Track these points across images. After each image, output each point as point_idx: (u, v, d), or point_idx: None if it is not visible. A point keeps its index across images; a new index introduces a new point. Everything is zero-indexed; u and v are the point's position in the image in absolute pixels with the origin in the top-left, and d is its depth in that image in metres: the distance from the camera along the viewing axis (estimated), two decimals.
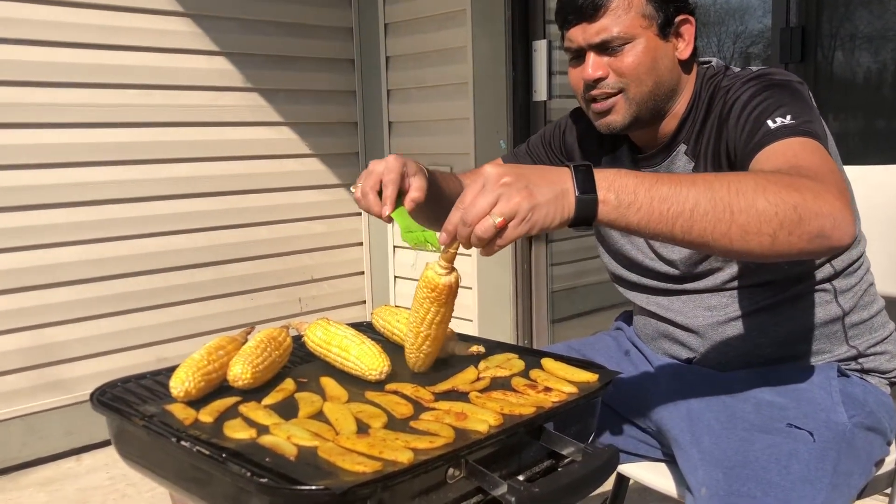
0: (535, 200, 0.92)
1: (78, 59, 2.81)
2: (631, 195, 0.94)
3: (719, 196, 0.94)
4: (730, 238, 0.94)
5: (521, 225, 0.92)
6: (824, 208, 0.95)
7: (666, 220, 0.94)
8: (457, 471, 0.88)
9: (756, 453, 1.13)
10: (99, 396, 1.07)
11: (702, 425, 1.23)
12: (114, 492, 2.60)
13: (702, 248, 0.98)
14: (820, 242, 0.96)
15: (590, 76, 1.28)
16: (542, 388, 1.07)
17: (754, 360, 1.33)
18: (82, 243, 2.88)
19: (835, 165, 1.08)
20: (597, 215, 0.94)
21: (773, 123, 1.13)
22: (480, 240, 0.93)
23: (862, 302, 1.35)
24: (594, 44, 1.27)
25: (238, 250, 3.32)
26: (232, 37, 3.20)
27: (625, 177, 0.95)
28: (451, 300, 1.11)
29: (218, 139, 3.21)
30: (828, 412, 1.21)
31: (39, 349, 2.82)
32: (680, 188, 0.94)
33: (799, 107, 1.16)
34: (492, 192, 0.92)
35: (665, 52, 1.29)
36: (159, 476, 1.00)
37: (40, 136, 2.75)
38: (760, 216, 0.93)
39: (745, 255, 0.98)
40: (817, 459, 1.13)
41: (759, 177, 0.98)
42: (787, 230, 0.94)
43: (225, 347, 1.15)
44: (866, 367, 1.34)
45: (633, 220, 0.94)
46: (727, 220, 0.93)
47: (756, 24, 3.07)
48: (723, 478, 1.11)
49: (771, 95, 1.19)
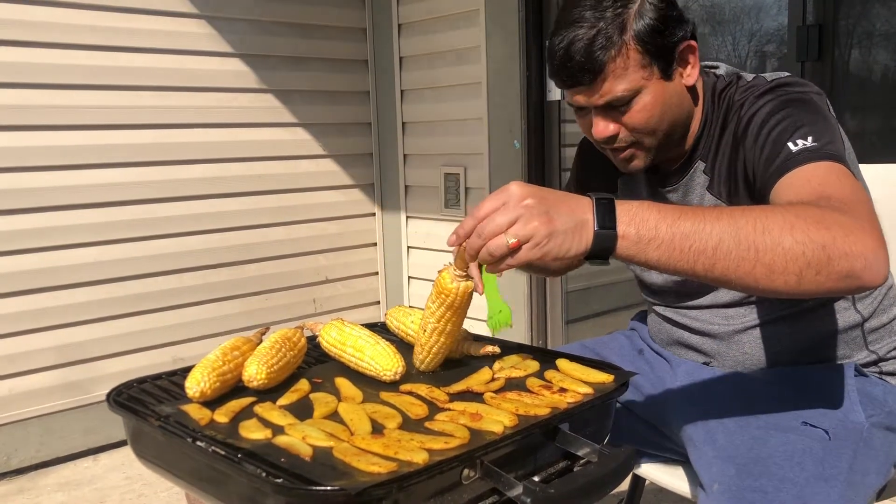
0: (552, 227, 0.91)
1: (93, 62, 2.83)
2: (652, 230, 0.92)
3: (744, 234, 0.91)
4: (754, 277, 0.91)
5: (535, 250, 0.91)
6: (856, 248, 0.91)
7: (687, 258, 0.91)
8: (472, 472, 0.88)
9: (770, 450, 1.12)
10: (115, 397, 1.08)
11: (717, 425, 1.22)
12: (130, 492, 2.62)
13: (724, 285, 0.95)
14: (849, 283, 0.92)
15: (600, 136, 1.24)
16: (558, 389, 1.07)
17: (772, 365, 1.32)
18: (98, 244, 2.90)
19: (865, 194, 1.04)
20: (615, 250, 0.93)
21: (795, 146, 1.09)
22: (491, 256, 0.92)
23: (881, 307, 1.33)
24: (599, 105, 1.21)
25: (253, 251, 3.33)
26: (246, 38, 3.22)
27: (647, 210, 0.93)
28: (464, 306, 1.11)
29: (233, 140, 3.22)
30: (845, 411, 1.20)
31: (57, 350, 2.84)
32: (704, 224, 0.91)
33: (820, 126, 1.12)
34: (512, 211, 0.91)
35: (673, 90, 1.23)
36: (175, 476, 1.00)
37: (57, 138, 2.78)
38: (787, 255, 0.90)
39: (769, 294, 0.94)
40: (833, 457, 1.12)
41: (787, 212, 0.94)
42: (815, 270, 0.90)
43: (240, 348, 1.15)
44: (885, 370, 1.33)
45: (652, 257, 0.92)
46: (752, 259, 0.91)
47: (771, 23, 3.05)
48: (735, 473, 1.10)
49: (790, 114, 1.14)
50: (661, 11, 1.18)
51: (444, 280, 1.09)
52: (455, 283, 1.08)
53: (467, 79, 3.20)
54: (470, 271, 1.05)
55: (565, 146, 3.13)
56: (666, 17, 1.19)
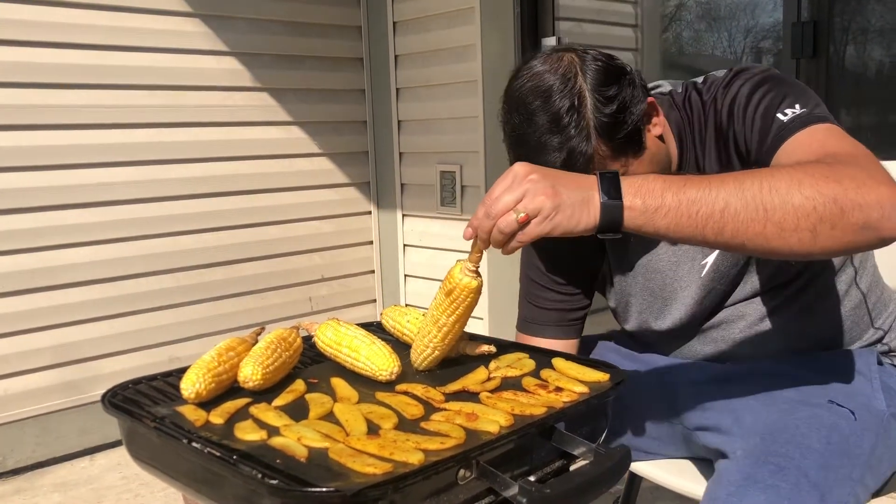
0: (559, 200, 0.92)
1: (87, 61, 2.82)
2: (658, 199, 0.92)
3: (751, 194, 0.90)
4: (766, 237, 0.91)
5: (544, 223, 0.92)
6: (869, 197, 0.90)
7: (696, 223, 0.91)
8: (468, 472, 0.88)
9: (796, 421, 1.11)
10: (110, 398, 1.08)
11: (741, 406, 1.20)
12: (127, 492, 2.61)
13: (738, 249, 0.94)
14: (868, 235, 0.91)
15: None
16: (554, 389, 1.07)
17: (787, 356, 1.32)
18: (94, 244, 2.90)
19: (865, 149, 1.02)
20: (623, 221, 0.93)
21: (784, 116, 1.09)
22: (502, 234, 0.93)
23: (873, 280, 1.34)
24: None
25: (248, 250, 3.33)
26: (241, 36, 3.21)
27: (652, 182, 0.93)
28: (473, 303, 1.10)
29: (227, 139, 3.22)
30: (868, 397, 1.19)
31: (52, 350, 2.84)
32: (709, 189, 0.91)
33: (801, 93, 1.12)
34: (518, 188, 0.93)
35: (650, 154, 1.19)
36: (170, 477, 1.00)
37: (51, 137, 2.77)
38: (797, 212, 0.89)
39: (786, 254, 0.93)
40: (857, 437, 1.11)
41: (793, 170, 0.93)
42: (829, 224, 0.89)
43: (235, 348, 1.15)
44: (892, 346, 1.33)
45: (661, 225, 0.92)
46: (761, 218, 0.90)
47: (767, 19, 3.05)
48: (760, 441, 1.09)
49: (769, 88, 1.14)
50: (614, 102, 1.13)
51: (454, 276, 1.08)
52: (467, 278, 1.08)
53: (463, 77, 3.20)
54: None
55: None
56: (620, 103, 1.14)
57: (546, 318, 1.41)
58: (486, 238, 0.97)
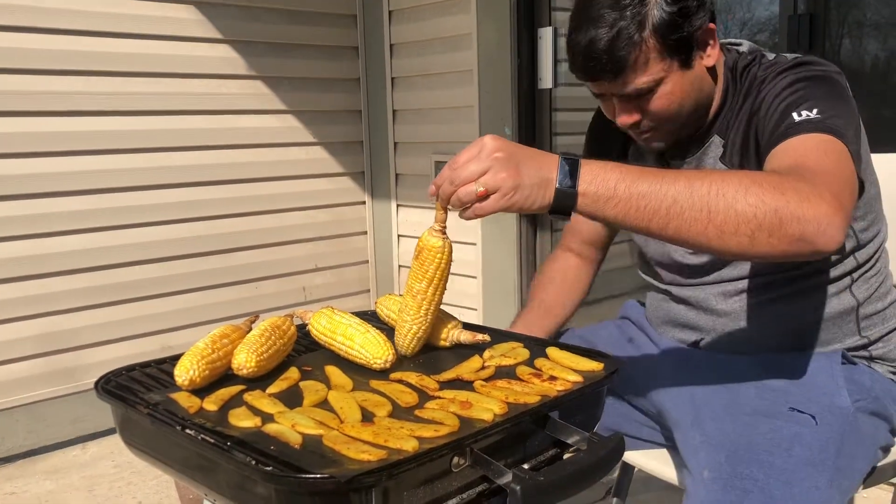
0: (519, 180, 0.97)
1: (80, 47, 2.80)
2: (610, 190, 0.96)
3: (698, 195, 0.95)
4: (706, 237, 0.95)
5: (502, 200, 0.97)
6: (808, 212, 0.94)
7: (642, 216, 0.96)
8: (462, 459, 0.88)
9: (759, 437, 1.13)
10: (104, 385, 1.07)
11: (705, 409, 1.22)
12: (119, 480, 2.61)
13: (680, 244, 0.99)
14: (801, 246, 0.95)
15: (623, 124, 1.28)
16: (547, 377, 1.07)
17: (762, 346, 1.33)
18: (86, 231, 2.88)
19: (844, 168, 1.05)
20: (575, 207, 0.98)
21: (799, 116, 1.12)
22: (461, 202, 0.99)
23: (877, 294, 1.34)
24: (621, 95, 1.25)
25: (242, 239, 3.32)
26: (235, 24, 3.19)
27: (609, 171, 0.98)
28: (448, 265, 1.14)
29: (221, 127, 3.20)
30: (831, 396, 1.20)
31: (45, 337, 2.83)
32: (661, 185, 0.96)
33: (830, 101, 1.13)
34: (484, 161, 0.97)
35: (693, 76, 1.25)
36: (164, 464, 1.00)
37: (43, 124, 2.75)
38: (739, 217, 0.94)
39: (724, 254, 0.98)
40: (820, 443, 1.13)
41: (744, 177, 0.98)
42: (767, 232, 0.94)
43: (229, 336, 1.15)
44: (874, 353, 1.34)
45: (609, 214, 0.97)
46: (704, 219, 0.95)
47: (763, 12, 3.05)
48: (725, 461, 1.11)
49: (803, 87, 1.17)
50: (678, 4, 1.19)
51: (422, 239, 1.12)
52: (433, 238, 1.11)
53: (458, 66, 3.19)
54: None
55: (556, 134, 3.13)
56: (684, 7, 1.20)
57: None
58: (445, 200, 1.02)
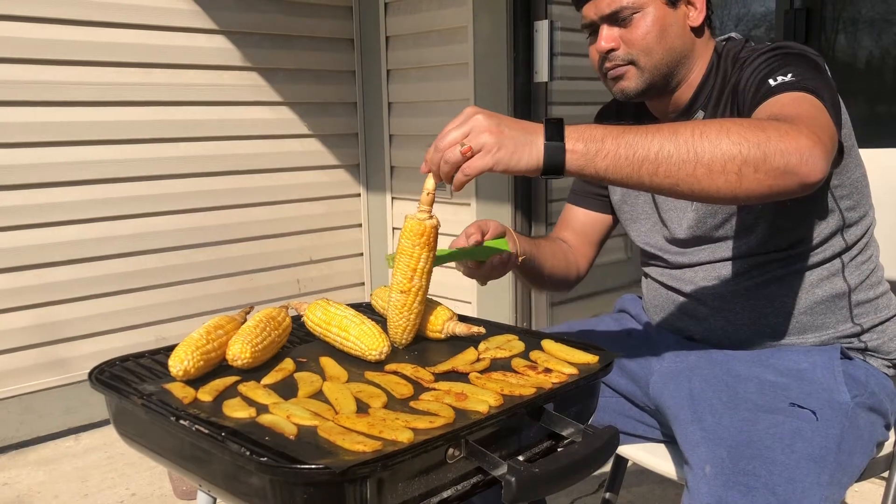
0: (502, 137, 1.00)
1: (76, 37, 2.79)
2: (598, 143, 1.00)
3: (683, 139, 0.99)
4: (696, 178, 0.98)
5: (486, 157, 0.99)
6: (790, 145, 0.98)
7: (632, 165, 0.99)
8: (457, 451, 0.88)
9: (760, 433, 1.14)
10: (98, 375, 1.07)
11: (704, 404, 1.23)
12: (112, 471, 2.61)
13: (672, 191, 1.01)
14: (789, 179, 0.98)
15: (602, 48, 1.34)
16: (543, 370, 1.07)
17: (760, 331, 1.34)
18: (81, 222, 2.87)
19: (820, 115, 1.08)
20: (565, 162, 1.00)
21: (774, 81, 1.16)
22: (447, 164, 1.01)
23: (869, 281, 1.36)
24: (605, 15, 1.32)
25: (236, 231, 3.31)
26: (231, 15, 3.17)
27: (594, 129, 1.01)
28: (431, 244, 1.15)
29: (217, 118, 3.19)
30: (830, 391, 1.21)
31: (38, 328, 2.82)
32: (646, 135, 1.00)
33: (806, 70, 1.17)
34: (466, 125, 1.01)
35: (675, 19, 1.33)
36: (158, 455, 1.00)
37: (39, 114, 2.74)
38: (725, 155, 0.97)
39: (715, 196, 1.00)
40: (821, 438, 1.13)
41: (724, 121, 1.01)
42: (753, 167, 0.97)
43: (224, 327, 1.15)
44: (869, 345, 1.34)
45: (601, 167, 1.00)
46: (692, 160, 0.98)
47: (759, 7, 3.05)
48: (727, 456, 1.11)
49: (780, 59, 1.21)
50: None
51: (414, 223, 1.14)
52: (421, 214, 1.14)
53: (454, 59, 3.18)
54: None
55: None
56: None
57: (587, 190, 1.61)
58: (435, 170, 1.04)
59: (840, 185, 1.30)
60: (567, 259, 1.58)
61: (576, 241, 1.62)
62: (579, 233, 1.62)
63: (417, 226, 1.14)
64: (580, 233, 1.62)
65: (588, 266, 1.63)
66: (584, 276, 1.63)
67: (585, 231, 1.61)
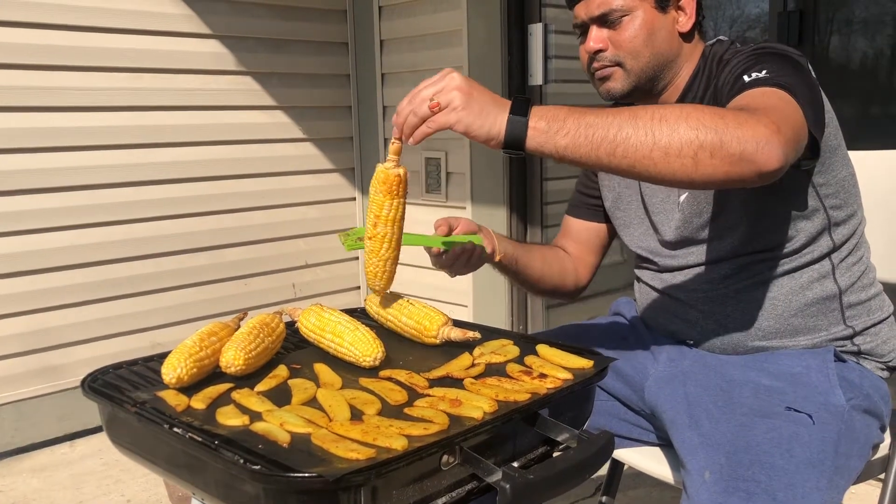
0: (470, 99, 1.04)
1: (69, 42, 2.78)
2: (560, 122, 1.02)
3: (642, 122, 1.01)
4: (653, 160, 1.00)
5: (450, 114, 1.04)
6: (746, 133, 0.99)
7: (591, 144, 1.01)
8: (451, 457, 0.88)
9: (757, 438, 1.13)
10: (90, 383, 1.07)
11: (700, 409, 1.22)
12: (107, 478, 2.60)
13: (630, 172, 1.03)
14: (745, 166, 0.99)
15: (590, 48, 1.36)
16: (538, 375, 1.07)
17: (752, 334, 1.34)
18: (75, 228, 2.86)
19: (787, 108, 1.09)
20: (526, 137, 1.03)
21: (748, 78, 1.17)
22: (415, 116, 1.06)
23: (860, 283, 1.36)
24: (595, 17, 1.35)
25: (231, 235, 3.30)
26: (224, 19, 3.17)
27: (559, 109, 1.04)
28: (404, 192, 1.17)
29: (210, 123, 3.18)
30: (826, 395, 1.21)
31: (32, 335, 2.81)
32: (607, 116, 1.02)
33: (783, 69, 1.18)
34: (438, 84, 1.06)
35: (663, 24, 1.35)
36: (151, 463, 0.99)
37: (31, 119, 2.72)
38: (682, 139, 0.99)
39: (671, 180, 1.02)
40: (819, 441, 1.13)
41: (685, 107, 1.04)
42: (709, 152, 0.98)
43: (217, 333, 1.14)
44: (863, 348, 1.34)
45: (560, 144, 1.02)
46: (649, 143, 1.00)
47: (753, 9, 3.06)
48: (726, 462, 1.11)
49: (757, 57, 1.22)
50: None
51: (382, 171, 1.15)
52: (389, 163, 1.15)
53: (448, 62, 3.18)
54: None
55: None
56: None
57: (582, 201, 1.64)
58: (401, 122, 1.09)
59: (825, 184, 1.30)
60: (563, 266, 1.59)
61: (576, 250, 1.63)
62: (578, 242, 1.64)
63: (381, 173, 1.16)
64: (579, 242, 1.63)
65: (590, 274, 1.64)
66: (586, 284, 1.64)
67: (584, 240, 1.63)
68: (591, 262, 1.64)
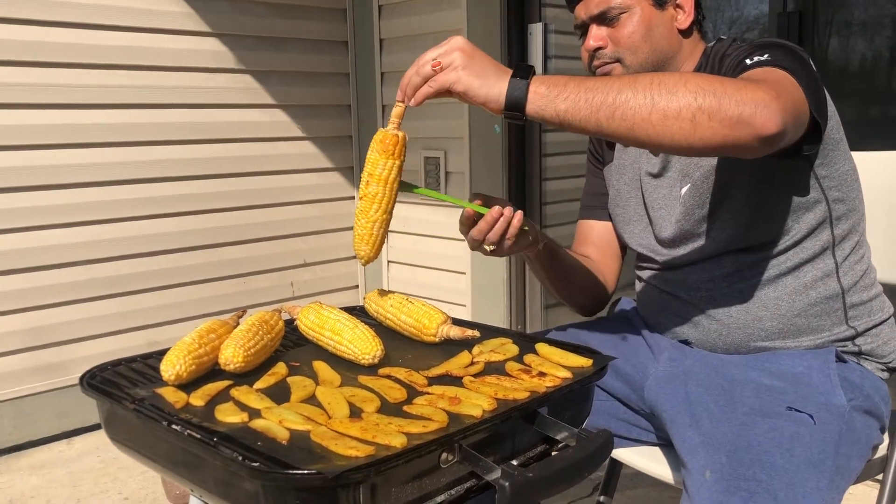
0: (472, 61, 1.08)
1: (68, 39, 2.78)
2: (561, 87, 1.05)
3: (641, 86, 1.02)
4: (651, 123, 1.01)
5: (450, 73, 1.08)
6: (746, 96, 1.00)
7: (591, 107, 1.03)
8: (450, 455, 0.88)
9: (758, 437, 1.13)
10: (89, 380, 1.06)
11: (700, 408, 1.22)
12: (105, 475, 2.60)
13: (629, 136, 1.03)
14: (743, 129, 0.99)
15: (590, 46, 1.39)
16: (537, 373, 1.07)
17: (755, 335, 1.33)
18: (74, 225, 2.86)
19: (787, 82, 1.10)
20: (527, 101, 1.05)
21: (751, 61, 1.18)
22: (418, 76, 1.11)
23: (862, 283, 1.36)
24: (594, 15, 1.37)
25: (230, 233, 3.30)
26: (224, 17, 3.17)
27: (559, 77, 1.07)
28: (400, 154, 1.18)
29: (210, 121, 3.18)
30: (827, 395, 1.21)
31: (30, 332, 2.80)
32: (607, 82, 1.04)
33: (784, 54, 1.18)
34: (443, 47, 1.10)
35: (661, 21, 1.37)
36: (150, 460, 0.99)
37: (30, 117, 2.72)
38: (680, 102, 1.00)
39: (670, 144, 1.02)
40: (820, 442, 1.13)
41: (685, 73, 1.07)
42: (707, 114, 0.99)
43: (216, 331, 1.14)
44: (864, 349, 1.34)
45: (560, 108, 1.04)
46: (648, 106, 1.01)
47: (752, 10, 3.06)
48: (727, 462, 1.11)
49: (762, 47, 1.23)
50: None
51: (381, 133, 1.18)
52: (390, 126, 1.17)
53: None
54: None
55: (545, 131, 3.13)
56: None
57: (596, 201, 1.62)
58: (405, 84, 1.12)
59: (828, 177, 1.30)
60: (593, 271, 1.56)
61: (598, 255, 1.59)
62: (600, 245, 1.59)
63: (379, 133, 1.18)
64: (600, 244, 1.59)
65: (615, 280, 1.61)
66: (613, 292, 1.61)
67: (606, 242, 1.59)
68: (614, 267, 1.60)
